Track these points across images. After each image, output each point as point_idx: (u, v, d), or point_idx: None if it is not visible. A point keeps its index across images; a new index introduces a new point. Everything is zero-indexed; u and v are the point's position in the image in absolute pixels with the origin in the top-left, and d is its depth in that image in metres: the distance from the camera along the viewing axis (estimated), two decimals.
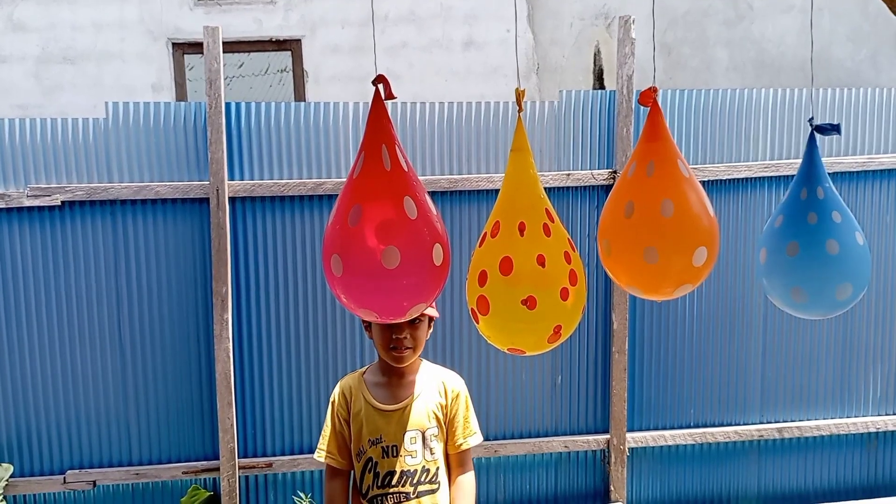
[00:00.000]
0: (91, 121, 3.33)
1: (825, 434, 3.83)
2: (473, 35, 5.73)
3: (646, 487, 3.79)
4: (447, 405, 2.20)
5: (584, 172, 3.59)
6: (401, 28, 5.65)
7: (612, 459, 3.69)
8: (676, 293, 1.79)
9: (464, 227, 3.54)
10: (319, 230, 3.47)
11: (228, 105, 3.38)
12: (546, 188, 2.02)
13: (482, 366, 3.61)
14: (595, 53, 5.92)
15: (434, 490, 2.15)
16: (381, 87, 1.62)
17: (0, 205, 3.26)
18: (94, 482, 3.41)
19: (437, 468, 2.17)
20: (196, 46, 5.42)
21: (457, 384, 2.25)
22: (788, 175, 3.63)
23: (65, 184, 3.31)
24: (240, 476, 3.47)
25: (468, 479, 2.20)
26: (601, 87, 5.92)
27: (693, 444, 3.77)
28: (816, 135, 1.91)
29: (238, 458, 3.45)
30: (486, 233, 1.75)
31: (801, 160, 1.93)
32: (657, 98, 1.84)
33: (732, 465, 3.83)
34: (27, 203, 3.26)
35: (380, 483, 2.12)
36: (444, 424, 2.20)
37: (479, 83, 5.71)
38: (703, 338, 3.74)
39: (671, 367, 3.74)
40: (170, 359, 3.44)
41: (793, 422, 3.82)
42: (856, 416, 3.86)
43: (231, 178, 3.40)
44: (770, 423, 3.81)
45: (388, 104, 1.67)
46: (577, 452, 3.72)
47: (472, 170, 3.55)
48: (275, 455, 3.54)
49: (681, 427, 3.77)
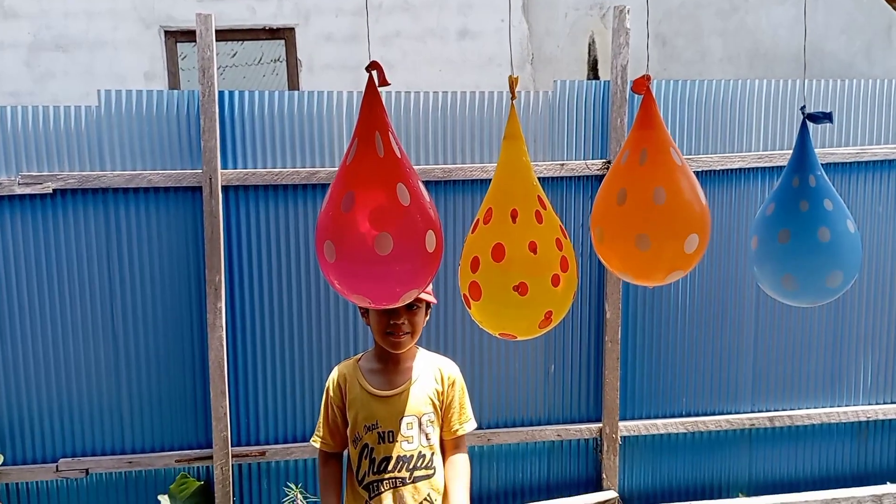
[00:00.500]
0: (83, 108, 3.31)
1: (816, 423, 3.86)
2: (468, 25, 5.72)
3: (638, 476, 3.82)
4: (443, 391, 2.22)
5: (579, 162, 3.59)
6: (395, 17, 5.63)
7: (605, 448, 3.71)
8: (668, 279, 1.80)
9: (458, 217, 3.54)
10: (313, 219, 3.47)
11: (222, 93, 3.37)
12: (540, 178, 2.02)
13: (476, 354, 3.62)
14: (589, 44, 5.91)
15: (430, 475, 2.16)
16: (375, 74, 1.62)
17: None
18: (87, 470, 3.41)
19: (433, 453, 2.18)
20: (189, 34, 5.38)
21: (453, 371, 2.27)
22: (782, 166, 3.62)
23: (57, 172, 3.29)
24: (233, 464, 3.47)
25: (462, 459, 2.23)
26: (595, 78, 5.92)
27: (685, 433, 3.80)
28: (809, 124, 1.92)
29: (231, 447, 3.46)
30: (479, 219, 1.75)
31: (794, 148, 1.94)
32: (650, 86, 1.84)
33: (724, 454, 3.86)
34: (19, 191, 3.25)
35: (376, 469, 2.12)
36: (440, 411, 2.22)
37: (474, 73, 5.70)
38: (696, 327, 3.76)
39: (663, 357, 3.76)
40: (163, 347, 3.44)
41: (784, 411, 3.85)
42: (847, 406, 3.89)
43: (224, 167, 3.39)
44: (761, 412, 3.84)
45: (382, 92, 1.67)
46: (570, 441, 3.74)
47: (467, 159, 3.55)
48: (268, 443, 3.54)
49: (673, 416, 3.79)
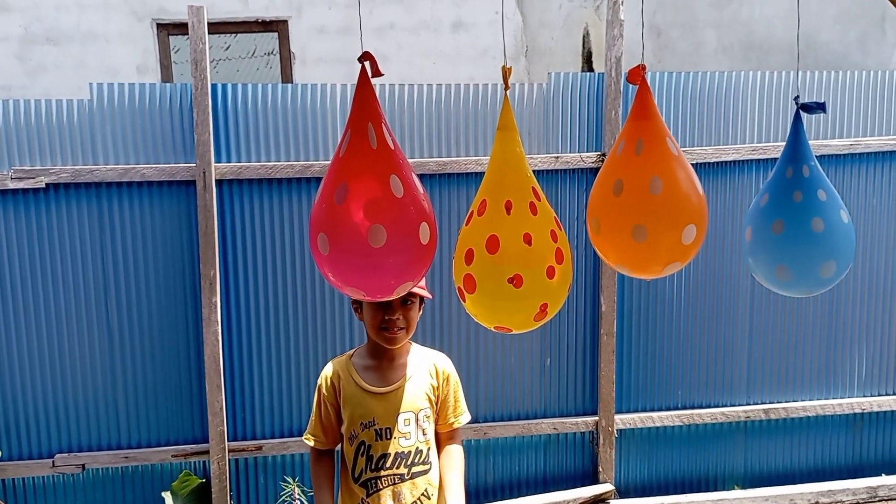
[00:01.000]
0: (75, 102, 3.29)
1: (811, 415, 3.87)
2: (462, 16, 5.69)
3: (634, 468, 3.83)
4: (439, 386, 2.21)
5: (573, 155, 3.59)
6: (388, 9, 5.60)
7: (601, 441, 3.71)
8: (665, 271, 1.79)
9: (453, 210, 3.54)
10: (308, 213, 3.45)
11: (215, 86, 3.35)
12: (535, 171, 2.01)
13: (472, 348, 3.62)
14: (584, 36, 5.90)
15: (427, 470, 2.16)
16: (368, 65, 1.61)
17: None
18: (83, 465, 3.41)
19: (429, 448, 2.18)
20: (181, 27, 5.35)
21: (447, 366, 2.26)
22: (776, 158, 3.55)
23: (49, 166, 3.28)
24: (229, 459, 3.47)
25: (457, 449, 2.24)
26: (590, 70, 5.90)
27: (680, 426, 3.81)
28: (802, 114, 1.92)
29: (228, 442, 3.45)
30: (473, 211, 1.74)
31: (787, 139, 1.93)
32: (646, 76, 1.83)
33: (719, 446, 3.87)
34: (11, 186, 3.23)
35: (374, 466, 2.11)
36: (436, 405, 2.21)
37: (468, 65, 5.68)
38: (691, 320, 3.77)
39: (659, 350, 3.76)
40: (158, 342, 3.42)
41: (779, 403, 3.86)
42: (841, 398, 3.91)
43: (218, 161, 3.37)
44: (756, 405, 3.85)
45: (376, 84, 1.66)
46: (566, 434, 3.74)
47: (461, 152, 3.54)
48: (265, 438, 3.54)
49: (668, 408, 3.80)
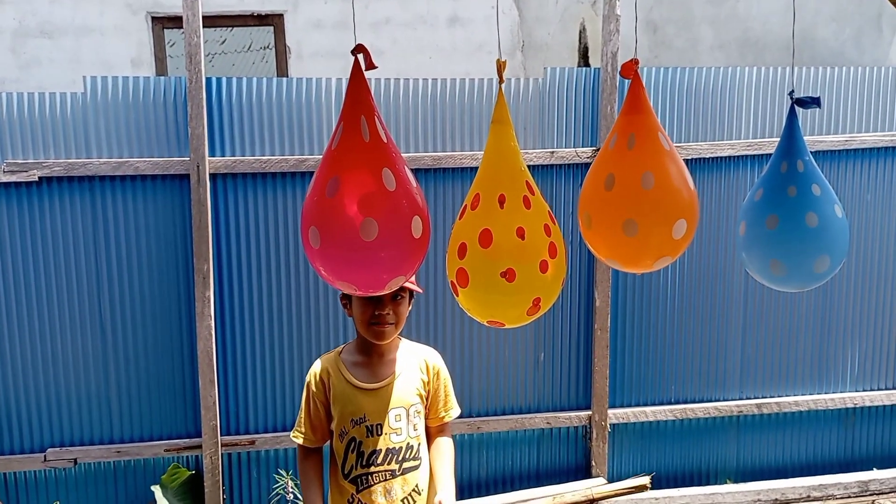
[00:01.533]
0: (69, 95, 3.28)
1: (804, 410, 3.88)
2: (458, 11, 5.68)
3: (627, 463, 3.83)
4: (429, 381, 2.21)
5: (569, 150, 3.58)
6: (384, 3, 5.59)
7: (594, 435, 3.72)
8: (656, 266, 1.79)
9: (448, 205, 3.53)
10: (301, 207, 3.44)
11: (209, 80, 3.34)
12: (530, 166, 2.00)
13: (465, 343, 3.62)
14: (580, 31, 5.89)
15: (417, 466, 2.16)
16: (361, 57, 1.60)
17: None
18: (76, 460, 3.40)
19: (420, 444, 2.18)
20: (176, 20, 5.32)
21: (437, 360, 2.26)
22: (771, 154, 3.61)
23: (42, 159, 3.26)
24: (222, 453, 3.47)
25: (447, 442, 2.25)
26: (586, 65, 5.90)
27: (674, 420, 3.81)
28: (797, 109, 1.92)
29: (221, 436, 3.45)
30: (467, 205, 1.74)
31: (782, 134, 1.93)
32: (638, 71, 1.83)
33: (712, 441, 3.88)
34: (3, 179, 3.21)
35: (364, 462, 2.11)
36: (426, 400, 2.21)
37: (464, 60, 5.67)
38: (685, 315, 3.77)
39: (652, 344, 3.77)
40: (151, 336, 3.42)
41: (772, 398, 3.87)
42: (834, 392, 3.92)
43: (212, 155, 3.36)
44: (749, 399, 3.86)
45: (372, 79, 1.65)
46: (560, 429, 3.75)
47: (457, 147, 3.54)
48: (258, 432, 3.54)
49: (662, 403, 3.81)
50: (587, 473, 3.77)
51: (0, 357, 3.34)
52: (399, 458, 2.12)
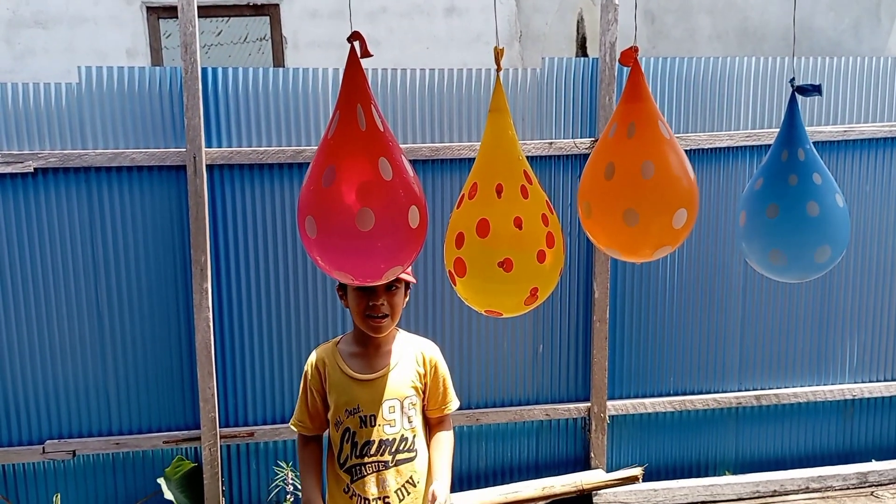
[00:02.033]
0: (64, 86, 3.25)
1: (802, 401, 3.88)
2: (455, 1, 5.65)
3: (626, 454, 3.83)
4: (426, 374, 2.20)
5: (567, 141, 3.57)
6: None
7: (593, 427, 3.72)
8: (656, 255, 1.78)
9: (445, 196, 3.52)
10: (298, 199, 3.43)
11: (205, 70, 3.32)
12: (528, 157, 1.99)
13: (464, 335, 3.61)
14: (578, 21, 5.86)
15: (412, 458, 2.15)
16: (357, 45, 1.58)
17: None
18: (74, 452, 3.39)
19: (415, 436, 2.17)
20: (171, 10, 5.29)
21: (434, 353, 2.25)
22: (770, 144, 3.59)
23: (37, 150, 3.24)
24: (221, 445, 3.46)
25: (446, 434, 2.24)
26: (584, 55, 5.87)
27: (672, 412, 3.81)
28: (798, 97, 1.90)
29: (220, 428, 3.44)
30: (464, 194, 1.72)
31: (782, 122, 1.92)
32: (638, 58, 1.81)
33: (711, 432, 3.88)
34: None
35: (358, 452, 2.11)
36: (423, 393, 2.20)
37: (461, 50, 5.64)
38: (684, 307, 3.76)
39: (651, 336, 3.76)
40: (149, 328, 3.40)
41: (770, 389, 3.87)
42: (832, 384, 3.92)
43: (208, 146, 3.34)
44: (748, 391, 3.86)
45: (368, 69, 1.63)
46: (559, 420, 3.75)
47: (454, 138, 3.52)
48: (256, 424, 3.53)
49: (660, 395, 3.80)
50: (586, 465, 3.77)
51: None
52: (392, 450, 2.11)
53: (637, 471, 3.65)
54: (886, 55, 4.30)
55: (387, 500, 2.10)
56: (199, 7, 3.28)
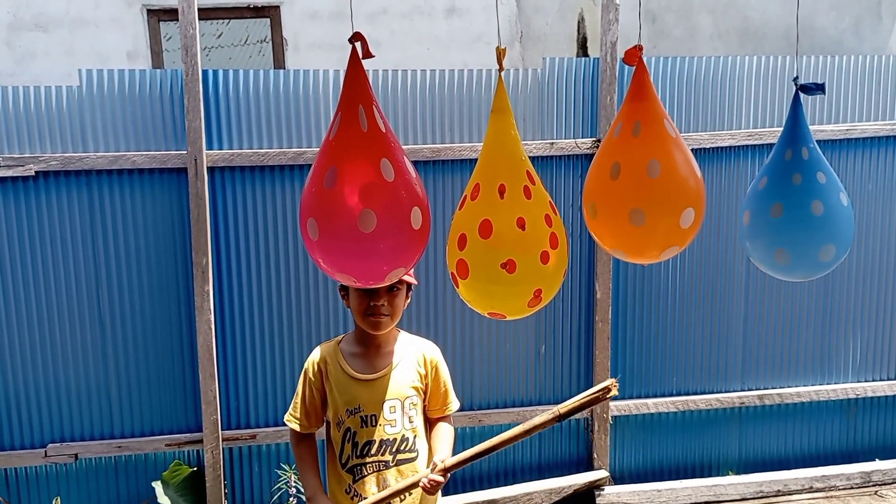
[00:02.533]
0: (64, 89, 3.25)
1: (805, 401, 3.87)
2: (455, 2, 5.64)
3: (629, 455, 3.82)
4: (427, 374, 2.21)
5: (568, 141, 3.56)
6: None
7: (596, 427, 3.71)
8: (663, 256, 1.77)
9: (447, 197, 3.51)
10: (300, 200, 3.42)
11: (206, 73, 3.31)
12: (529, 157, 1.98)
13: (466, 336, 3.60)
14: (579, 21, 5.85)
15: (412, 458, 2.15)
16: (359, 46, 1.58)
17: None
18: (76, 455, 3.38)
19: (416, 436, 2.17)
20: (172, 13, 5.29)
21: (435, 354, 2.26)
22: (772, 143, 3.56)
23: (38, 153, 3.23)
24: (223, 448, 3.45)
25: (447, 426, 2.25)
26: (585, 56, 5.87)
27: (675, 412, 3.80)
28: (801, 95, 1.89)
29: (221, 430, 3.43)
30: (467, 195, 1.71)
31: (786, 121, 1.91)
32: (642, 57, 1.80)
33: (714, 432, 3.87)
34: (0, 173, 3.19)
35: (359, 452, 2.11)
36: (424, 393, 2.21)
37: (462, 51, 5.63)
38: (686, 307, 3.75)
39: (654, 336, 3.75)
40: (150, 331, 3.40)
41: (774, 389, 3.86)
42: (835, 383, 3.91)
43: (209, 148, 3.33)
44: (751, 391, 3.84)
45: (369, 70, 1.63)
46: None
47: (455, 139, 3.51)
48: (258, 427, 3.52)
49: (663, 395, 3.79)
50: (589, 466, 3.76)
51: None
52: (393, 450, 2.12)
53: (610, 381, 3.55)
54: (888, 54, 4.29)
55: (388, 501, 2.10)
56: (200, 9, 3.28)
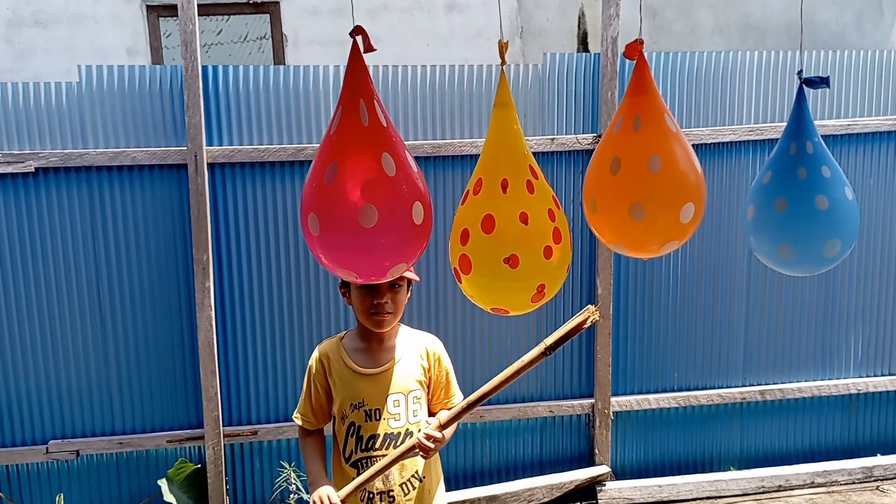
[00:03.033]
0: (64, 85, 3.24)
1: (807, 396, 3.87)
2: None
3: (630, 450, 3.82)
4: (430, 368, 2.21)
5: (569, 137, 3.55)
6: None
7: (597, 423, 3.70)
8: (662, 250, 1.76)
9: (448, 193, 3.50)
10: (300, 196, 3.41)
11: (206, 68, 3.30)
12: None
13: (468, 331, 3.60)
14: (579, 17, 5.84)
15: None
16: (360, 39, 1.57)
17: None
18: (78, 452, 3.38)
19: (419, 431, 2.16)
20: (171, 9, 5.28)
21: (438, 347, 2.26)
22: (774, 139, 3.61)
23: (38, 150, 3.22)
24: (225, 444, 3.45)
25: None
26: (586, 51, 5.85)
27: (677, 408, 3.80)
28: (805, 89, 1.88)
29: (223, 427, 3.43)
30: (469, 190, 1.71)
31: (790, 115, 1.90)
32: (643, 51, 1.79)
33: (715, 428, 3.87)
34: (0, 170, 3.18)
35: (363, 446, 2.12)
36: (427, 387, 2.21)
37: (462, 47, 5.62)
38: (687, 302, 3.75)
39: (655, 332, 3.75)
40: (151, 327, 3.39)
41: (775, 384, 3.85)
42: (837, 379, 3.90)
43: (209, 144, 3.32)
44: (753, 386, 3.84)
45: (370, 66, 1.61)
46: (563, 417, 3.73)
47: (456, 134, 3.50)
48: (260, 423, 3.52)
49: (665, 391, 3.79)
50: (590, 461, 3.75)
51: (0, 349, 3.32)
52: (397, 444, 2.12)
53: (590, 307, 3.51)
54: (889, 48, 4.28)
55: (391, 494, 2.11)
56: (199, 6, 3.27)
